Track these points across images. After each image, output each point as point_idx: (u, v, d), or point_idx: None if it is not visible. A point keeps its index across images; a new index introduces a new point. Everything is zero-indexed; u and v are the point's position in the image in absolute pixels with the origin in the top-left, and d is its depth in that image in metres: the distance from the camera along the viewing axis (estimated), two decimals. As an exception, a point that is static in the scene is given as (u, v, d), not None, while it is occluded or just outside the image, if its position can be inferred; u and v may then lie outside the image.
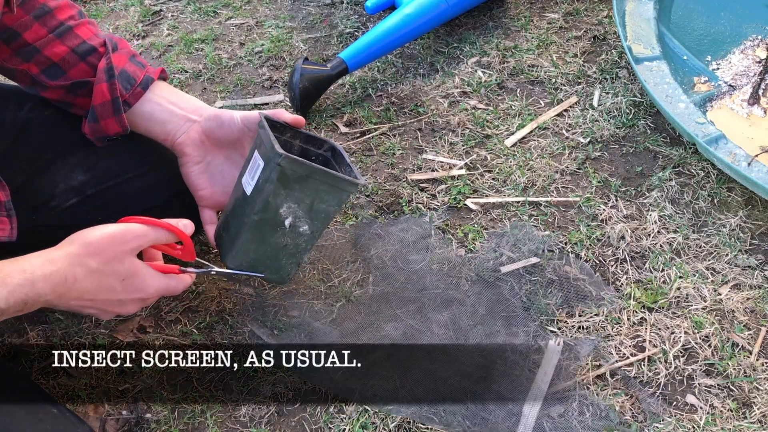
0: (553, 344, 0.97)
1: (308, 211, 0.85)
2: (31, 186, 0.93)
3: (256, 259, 0.90)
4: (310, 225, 0.87)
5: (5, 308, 0.66)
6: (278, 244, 0.88)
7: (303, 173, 0.81)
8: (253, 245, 0.88)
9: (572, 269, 1.07)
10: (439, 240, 1.11)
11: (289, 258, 0.91)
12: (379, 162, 1.26)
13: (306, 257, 0.91)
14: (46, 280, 0.69)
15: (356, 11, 1.62)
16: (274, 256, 0.90)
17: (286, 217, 0.85)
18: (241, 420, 0.93)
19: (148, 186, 0.99)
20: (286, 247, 0.89)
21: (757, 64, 1.31)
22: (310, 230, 0.88)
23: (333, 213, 0.87)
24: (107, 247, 0.74)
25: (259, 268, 0.91)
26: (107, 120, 0.90)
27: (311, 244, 0.90)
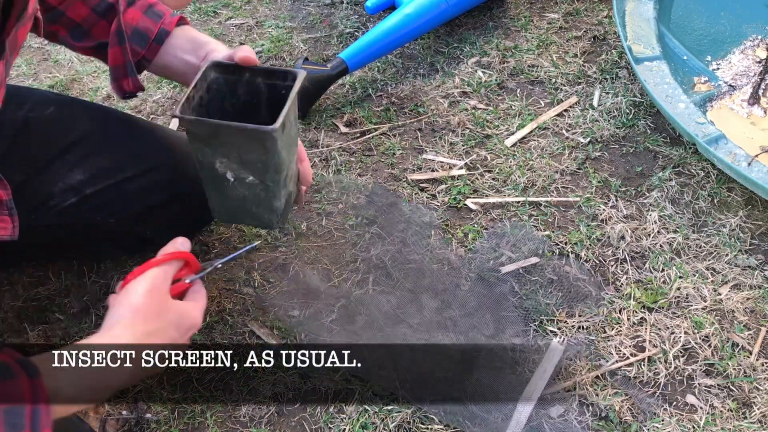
0: (555, 343, 0.97)
1: (241, 163, 0.82)
2: (30, 185, 0.93)
3: (228, 210, 0.89)
4: (254, 175, 0.83)
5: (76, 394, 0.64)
6: (237, 195, 0.85)
7: (209, 131, 0.79)
8: (217, 199, 0.87)
9: (572, 269, 1.07)
10: (439, 240, 1.11)
11: (259, 206, 0.87)
12: (379, 162, 1.26)
13: (281, 203, 0.86)
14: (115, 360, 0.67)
15: (356, 11, 1.62)
16: (242, 207, 0.87)
17: (224, 171, 0.83)
18: (241, 420, 0.93)
19: (147, 186, 0.99)
20: (246, 198, 0.86)
21: (757, 64, 1.31)
22: (259, 180, 0.83)
23: (271, 161, 0.81)
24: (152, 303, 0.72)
25: (239, 218, 0.90)
26: (123, 80, 0.91)
27: (274, 193, 0.85)
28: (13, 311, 1.05)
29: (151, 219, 1.02)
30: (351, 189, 1.20)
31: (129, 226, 1.01)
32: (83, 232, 1.00)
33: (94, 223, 0.98)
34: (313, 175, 1.23)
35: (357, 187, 1.20)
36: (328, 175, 1.23)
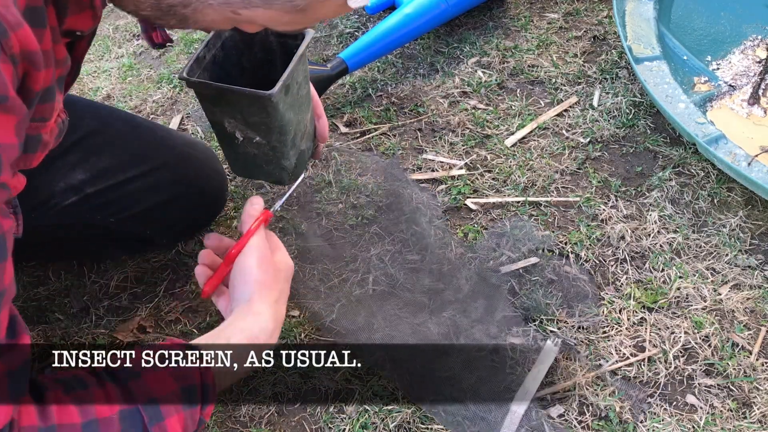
0: (549, 344, 0.97)
1: (247, 124, 0.83)
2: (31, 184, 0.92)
3: (242, 166, 0.90)
4: (261, 136, 0.84)
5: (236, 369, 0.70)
6: (247, 154, 0.87)
7: (213, 93, 0.80)
8: (230, 157, 0.89)
9: (572, 269, 1.07)
10: (439, 240, 1.11)
11: (269, 164, 0.88)
12: (379, 162, 1.26)
13: (291, 162, 0.88)
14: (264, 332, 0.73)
15: (356, 11, 1.62)
16: (254, 163, 0.89)
17: (232, 131, 0.84)
18: (241, 420, 0.93)
19: (148, 186, 0.99)
20: (256, 156, 0.87)
21: (757, 64, 1.31)
22: (266, 140, 0.85)
23: (275, 123, 0.83)
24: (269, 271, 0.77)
25: (253, 174, 0.92)
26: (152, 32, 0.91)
27: (281, 152, 0.87)
28: (13, 311, 1.05)
29: (152, 219, 1.02)
30: (351, 189, 1.20)
31: (129, 225, 1.01)
32: (83, 231, 1.00)
33: (95, 222, 0.98)
34: (313, 175, 1.23)
35: (357, 187, 1.20)
36: (328, 175, 1.23)
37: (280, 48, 0.89)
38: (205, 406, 0.64)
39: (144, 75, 1.49)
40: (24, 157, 0.63)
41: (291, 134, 0.86)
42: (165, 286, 1.08)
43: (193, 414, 0.63)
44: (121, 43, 1.58)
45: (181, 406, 0.61)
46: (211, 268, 0.81)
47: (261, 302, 0.74)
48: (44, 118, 0.62)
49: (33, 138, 0.63)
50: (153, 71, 1.50)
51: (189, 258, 1.11)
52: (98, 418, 0.55)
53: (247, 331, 0.72)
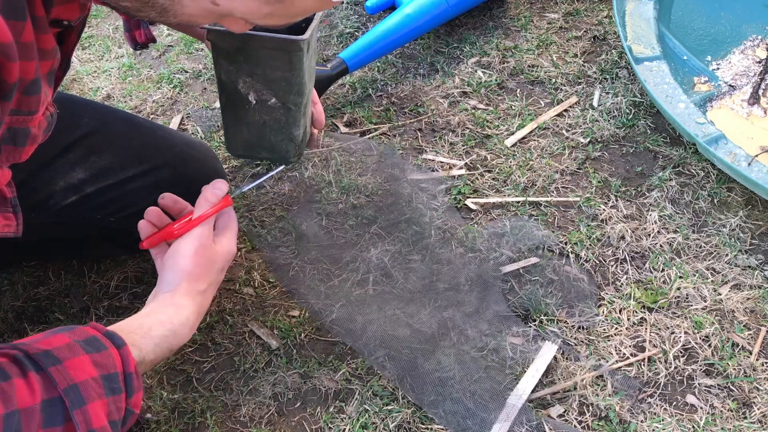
0: (548, 343, 0.97)
1: (265, 81, 0.81)
2: (31, 183, 0.93)
3: (246, 141, 0.89)
4: (277, 96, 0.83)
5: (154, 359, 0.72)
6: (257, 122, 0.86)
7: (236, 44, 0.78)
8: (235, 128, 0.87)
9: (572, 269, 1.07)
10: (439, 240, 1.11)
11: (278, 135, 0.87)
12: (379, 162, 1.26)
13: (300, 133, 0.87)
14: (184, 326, 0.76)
15: (356, 11, 1.62)
16: (261, 136, 0.87)
17: (247, 92, 0.83)
18: (241, 420, 0.93)
19: (148, 186, 0.99)
20: (266, 124, 0.86)
21: (757, 64, 1.31)
22: (281, 102, 0.83)
23: (295, 79, 0.81)
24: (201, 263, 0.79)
25: (256, 151, 0.90)
26: (135, 31, 0.92)
27: (294, 118, 0.86)
28: (13, 311, 1.05)
29: (151, 219, 1.02)
30: (351, 189, 1.20)
31: (129, 225, 1.00)
32: (83, 231, 1.00)
33: (94, 222, 0.98)
34: (313, 175, 1.23)
35: (357, 187, 1.20)
36: (328, 175, 1.23)
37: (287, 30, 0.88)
38: (130, 394, 0.64)
39: (144, 75, 1.49)
40: (12, 150, 0.63)
41: (305, 98, 0.85)
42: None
43: (116, 401, 0.63)
44: (121, 43, 1.58)
45: (103, 392, 0.61)
46: (156, 225, 0.84)
47: (185, 295, 0.77)
48: (31, 111, 0.62)
49: (21, 131, 0.63)
50: (153, 71, 1.50)
51: (189, 258, 1.11)
52: (20, 409, 0.56)
53: (167, 324, 0.74)
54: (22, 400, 0.56)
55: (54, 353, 0.61)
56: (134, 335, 0.71)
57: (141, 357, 0.69)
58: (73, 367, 0.60)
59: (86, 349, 0.63)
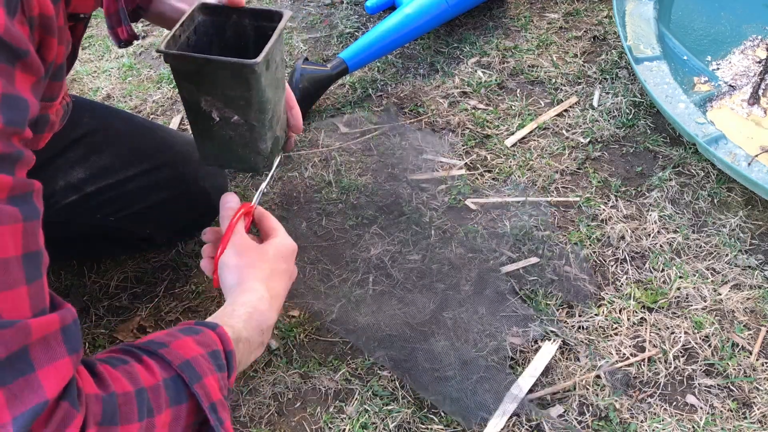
0: (547, 343, 0.97)
1: (225, 101, 0.81)
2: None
3: (215, 153, 0.88)
4: (239, 114, 0.82)
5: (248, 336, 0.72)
6: (223, 137, 0.85)
7: (192, 66, 0.78)
8: (203, 141, 0.87)
9: (572, 269, 1.07)
10: (439, 240, 1.11)
11: (245, 149, 0.87)
12: (379, 162, 1.26)
13: (267, 146, 0.87)
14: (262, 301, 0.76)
15: (356, 11, 1.62)
16: (228, 149, 0.87)
17: (209, 110, 0.82)
18: (241, 420, 0.93)
19: (148, 185, 0.99)
20: (232, 138, 0.85)
21: (757, 64, 1.31)
22: (244, 119, 0.83)
23: (255, 98, 0.81)
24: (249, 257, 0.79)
25: (226, 162, 0.90)
26: (117, 28, 0.92)
27: (259, 134, 0.85)
28: (13, 311, 1.05)
29: (151, 218, 1.02)
30: (351, 189, 1.20)
31: (129, 224, 1.01)
32: (83, 230, 1.00)
33: (94, 221, 0.98)
34: (313, 175, 1.23)
35: (357, 187, 1.20)
36: (328, 175, 1.23)
37: (254, 32, 0.87)
38: (231, 373, 0.65)
39: (144, 75, 1.49)
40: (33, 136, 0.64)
41: (269, 114, 0.84)
42: (165, 286, 1.08)
43: (223, 378, 0.64)
44: (121, 43, 1.58)
45: (213, 368, 0.62)
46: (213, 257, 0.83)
47: (250, 280, 0.77)
48: (53, 97, 0.62)
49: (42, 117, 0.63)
50: (153, 71, 1.50)
51: (189, 258, 1.11)
52: (146, 387, 0.57)
53: (246, 303, 0.74)
54: (146, 380, 0.57)
55: (157, 340, 0.62)
56: (224, 318, 0.71)
57: (235, 334, 0.69)
58: (180, 347, 0.61)
59: (186, 333, 0.64)
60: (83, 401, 0.50)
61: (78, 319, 0.54)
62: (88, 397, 0.51)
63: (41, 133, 0.65)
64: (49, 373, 0.48)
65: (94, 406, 0.51)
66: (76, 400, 0.50)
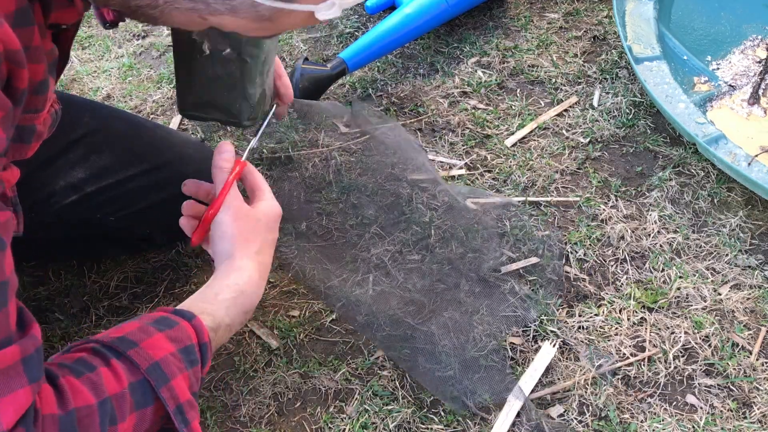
0: (547, 344, 0.97)
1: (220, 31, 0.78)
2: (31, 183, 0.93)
3: (197, 99, 0.86)
4: (232, 46, 0.80)
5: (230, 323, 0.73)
6: (209, 77, 0.83)
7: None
8: (187, 83, 0.85)
9: (572, 269, 1.07)
10: (439, 240, 1.11)
11: (231, 92, 0.84)
12: (379, 162, 1.26)
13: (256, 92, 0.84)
14: (250, 284, 0.76)
15: (356, 11, 1.62)
16: (213, 92, 0.84)
17: (201, 40, 0.80)
18: (241, 420, 0.93)
19: (148, 185, 0.99)
20: (219, 78, 0.83)
21: (757, 64, 1.31)
22: (236, 52, 0.81)
23: None
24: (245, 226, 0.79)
25: (207, 111, 0.88)
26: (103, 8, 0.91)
27: (250, 73, 0.83)
28: (13, 311, 1.05)
29: (151, 218, 1.02)
30: (351, 189, 1.20)
31: (129, 224, 1.01)
32: (83, 230, 1.00)
33: (95, 221, 0.98)
34: (313, 174, 1.23)
35: (357, 187, 1.20)
36: (328, 175, 1.23)
37: None
38: (205, 363, 0.66)
39: (144, 75, 1.49)
40: (18, 147, 0.64)
41: (263, 53, 0.82)
42: (165, 286, 1.08)
43: (195, 373, 0.65)
44: (121, 43, 1.58)
45: (183, 366, 0.63)
46: (195, 217, 0.83)
47: (242, 257, 0.77)
48: (38, 109, 0.63)
49: (27, 128, 0.63)
50: (153, 71, 1.50)
51: (189, 258, 1.11)
52: (110, 396, 0.57)
53: (233, 286, 0.74)
54: (111, 387, 0.57)
55: (129, 338, 0.62)
56: (203, 304, 0.72)
57: (215, 323, 0.70)
58: (150, 347, 0.62)
59: (159, 328, 0.64)
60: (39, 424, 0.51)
61: (41, 347, 0.54)
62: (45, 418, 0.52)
63: (28, 144, 0.65)
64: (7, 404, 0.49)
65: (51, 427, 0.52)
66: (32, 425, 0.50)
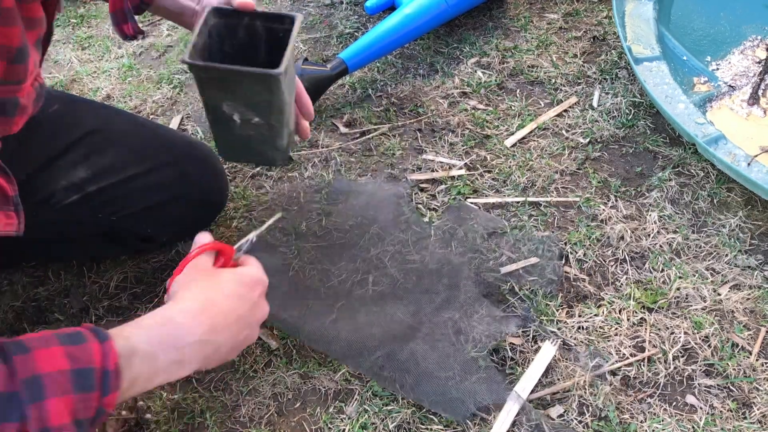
0: (547, 343, 0.97)
1: (247, 105, 0.84)
2: (33, 182, 0.93)
3: (234, 149, 0.91)
4: (259, 116, 0.85)
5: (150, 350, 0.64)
6: (243, 136, 0.88)
7: (216, 75, 0.81)
8: (223, 137, 0.90)
9: (572, 269, 1.07)
10: (439, 240, 1.11)
11: (264, 145, 0.89)
12: (379, 162, 1.26)
13: (284, 142, 0.90)
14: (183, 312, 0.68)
15: (356, 11, 1.62)
16: (248, 145, 0.90)
17: (231, 113, 0.85)
18: (241, 420, 0.93)
19: (149, 185, 0.99)
20: (252, 137, 0.88)
21: (757, 64, 1.31)
22: (264, 121, 0.85)
23: (276, 102, 0.83)
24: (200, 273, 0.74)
25: (246, 157, 0.95)
26: (123, 25, 0.92)
27: (278, 132, 0.87)
28: (12, 311, 1.05)
29: (153, 218, 1.02)
30: (351, 189, 1.20)
31: (130, 224, 1.01)
32: (84, 230, 1.00)
33: (96, 221, 0.98)
34: (313, 175, 1.23)
35: (357, 187, 1.20)
36: (328, 175, 1.23)
37: (265, 32, 0.89)
38: (105, 393, 0.59)
39: (144, 75, 1.49)
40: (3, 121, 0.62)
41: (287, 113, 0.87)
42: (165, 286, 1.08)
43: (86, 399, 0.58)
44: (121, 43, 1.58)
45: (70, 388, 0.57)
46: None
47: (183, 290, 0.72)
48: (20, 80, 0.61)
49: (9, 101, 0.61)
50: (153, 71, 1.50)
51: (189, 258, 1.11)
52: None
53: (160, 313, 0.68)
54: None
55: (25, 343, 0.57)
56: (126, 326, 0.65)
57: (129, 347, 0.63)
58: (40, 358, 0.56)
59: (62, 341, 0.59)
60: None
61: None
62: None
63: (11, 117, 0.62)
64: None
65: None
66: None
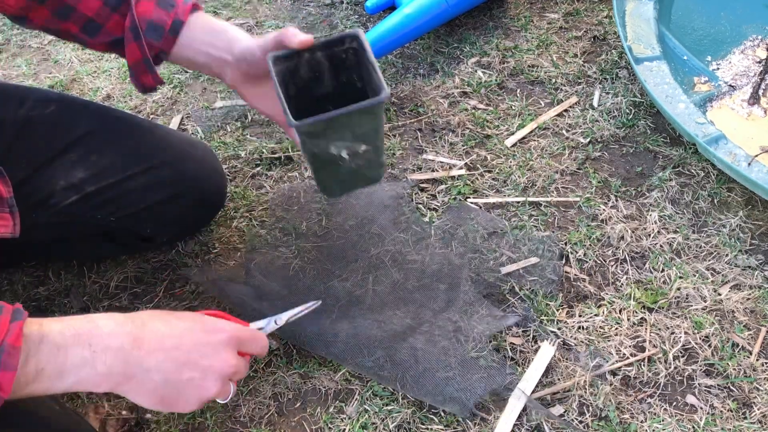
0: (546, 344, 0.97)
1: (354, 138, 0.84)
2: (31, 183, 0.93)
3: (344, 184, 0.94)
4: (367, 143, 0.86)
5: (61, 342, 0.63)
6: (349, 169, 0.89)
7: (323, 126, 0.81)
8: (332, 179, 0.91)
9: (572, 269, 1.07)
10: (439, 240, 1.11)
11: (370, 168, 0.91)
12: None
13: (384, 156, 0.92)
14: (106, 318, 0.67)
15: (356, 11, 1.62)
16: (356, 175, 0.91)
17: (338, 152, 0.85)
18: (241, 420, 0.93)
19: (148, 185, 0.99)
20: (360, 166, 0.89)
21: (757, 64, 1.31)
22: (371, 145, 0.87)
23: (380, 124, 0.85)
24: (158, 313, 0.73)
25: (355, 187, 0.97)
26: (142, 76, 0.90)
27: (382, 148, 0.90)
28: (13, 311, 1.05)
29: (152, 217, 1.02)
30: (351, 189, 1.20)
31: (129, 224, 1.01)
32: (83, 230, 1.01)
33: (95, 221, 0.98)
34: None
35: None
36: (328, 175, 1.23)
37: (327, 60, 0.89)
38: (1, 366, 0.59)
39: (144, 75, 1.49)
40: None
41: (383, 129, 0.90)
42: (165, 286, 1.08)
43: None
44: (121, 43, 1.58)
45: None
46: None
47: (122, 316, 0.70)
48: None
49: None
50: (153, 71, 1.50)
51: (189, 258, 1.11)
52: None
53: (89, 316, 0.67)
54: None
55: None
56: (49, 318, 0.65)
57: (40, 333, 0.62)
58: None
59: None
60: None
61: None
62: None
63: None
64: None
65: None
66: None
